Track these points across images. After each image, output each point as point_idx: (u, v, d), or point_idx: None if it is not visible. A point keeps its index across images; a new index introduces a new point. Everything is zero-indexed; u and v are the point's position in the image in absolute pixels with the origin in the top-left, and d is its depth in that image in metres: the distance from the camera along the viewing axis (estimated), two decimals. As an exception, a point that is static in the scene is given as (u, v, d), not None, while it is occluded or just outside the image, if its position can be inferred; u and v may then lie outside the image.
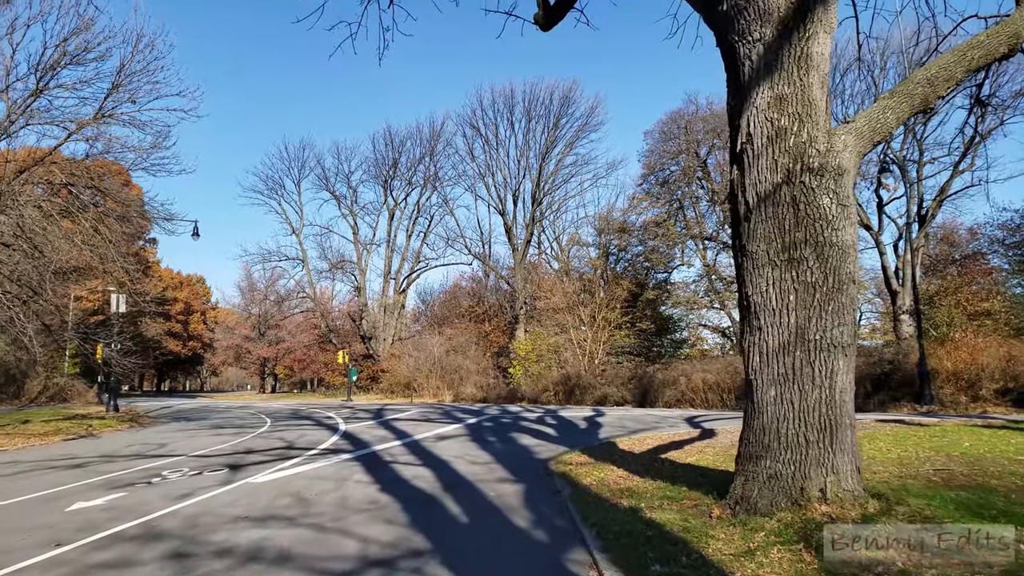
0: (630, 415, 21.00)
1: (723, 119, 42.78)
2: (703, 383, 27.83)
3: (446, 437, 14.72)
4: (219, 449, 13.57)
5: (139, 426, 22.04)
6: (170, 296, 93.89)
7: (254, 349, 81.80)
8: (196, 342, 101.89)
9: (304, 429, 17.92)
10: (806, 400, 6.24)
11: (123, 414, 25.80)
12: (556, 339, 41.94)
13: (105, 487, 9.25)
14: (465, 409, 26.95)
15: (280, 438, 15.48)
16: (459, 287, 62.87)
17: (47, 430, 19.06)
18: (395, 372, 48.96)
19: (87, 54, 17.84)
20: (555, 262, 53.38)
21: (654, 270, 46.86)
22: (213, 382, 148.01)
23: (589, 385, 32.12)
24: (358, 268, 60.03)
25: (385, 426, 18.02)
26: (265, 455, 12.35)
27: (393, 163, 58.61)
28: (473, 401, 37.76)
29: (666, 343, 48.97)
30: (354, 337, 61.91)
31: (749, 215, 6.74)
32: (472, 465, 10.73)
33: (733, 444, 12.44)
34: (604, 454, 11.61)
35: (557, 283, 46.18)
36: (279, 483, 9.31)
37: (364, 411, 26.82)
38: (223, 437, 16.23)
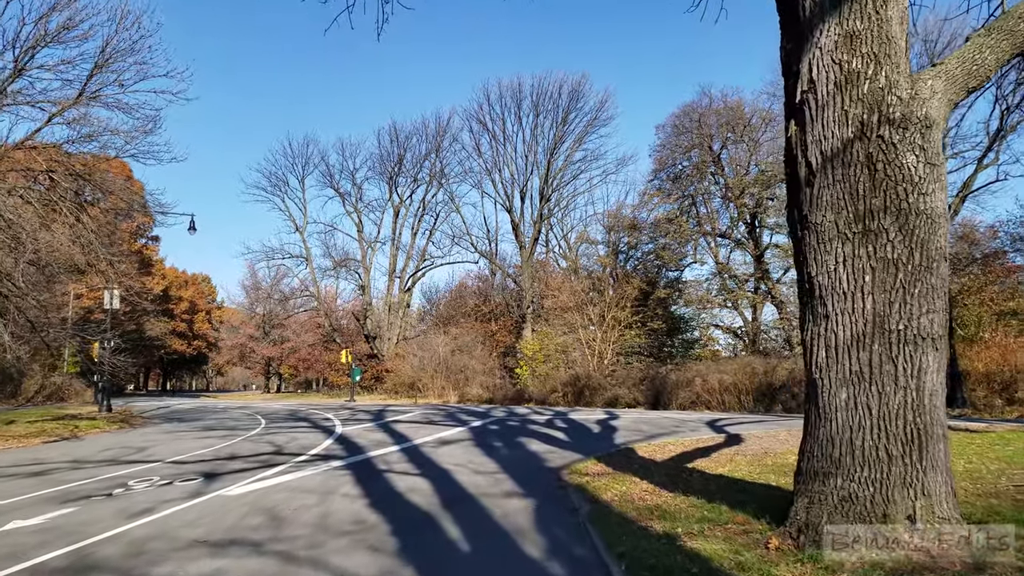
0: (645, 418, 19.75)
1: (738, 112, 41.84)
2: (719, 384, 26.57)
3: (448, 442, 13.53)
4: (201, 455, 12.40)
5: (129, 427, 20.94)
6: (174, 295, 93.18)
7: (258, 349, 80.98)
8: (201, 341, 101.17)
9: (298, 432, 16.76)
10: (887, 405, 5.01)
11: (115, 415, 24.74)
12: (564, 339, 40.74)
13: (56, 501, 8.08)
14: (470, 411, 25.73)
15: (270, 442, 14.32)
16: (465, 286, 61.73)
17: (30, 431, 17.97)
18: (399, 372, 47.82)
19: (69, 32, 16.74)
20: (563, 260, 52.24)
21: (665, 268, 45.60)
22: (219, 382, 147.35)
23: (599, 386, 30.89)
24: (362, 266, 58.97)
25: (384, 429, 16.85)
26: (248, 462, 11.18)
27: (398, 159, 57.54)
28: (479, 402, 36.57)
29: (677, 343, 47.75)
30: (358, 336, 60.81)
31: (812, 179, 5.51)
32: (476, 475, 9.53)
33: (766, 452, 11.28)
34: (623, 463, 10.41)
35: (565, 281, 44.99)
36: (255, 496, 8.12)
37: (365, 412, 25.66)
38: (210, 440, 15.08)
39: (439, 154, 56.55)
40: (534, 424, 17.49)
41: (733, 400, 26.10)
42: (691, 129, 42.45)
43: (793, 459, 10.37)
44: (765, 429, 15.27)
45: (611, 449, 12.20)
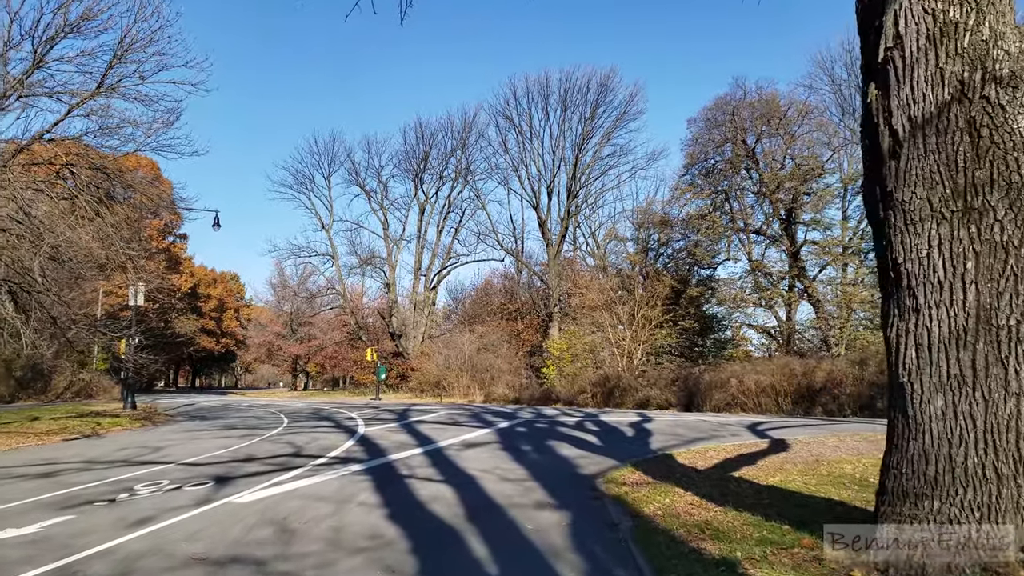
0: (680, 421, 18.86)
1: (773, 105, 40.59)
2: (756, 386, 25.56)
3: (474, 445, 12.84)
4: (217, 456, 11.84)
5: (151, 425, 20.58)
6: (203, 293, 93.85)
7: (286, 346, 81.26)
8: (230, 339, 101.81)
9: (319, 432, 16.20)
10: (995, 415, 4.20)
11: (138, 412, 24.45)
12: (592, 338, 39.90)
13: (56, 507, 7.51)
14: (496, 411, 25.03)
15: (289, 442, 13.74)
16: (491, 284, 61.14)
17: (52, 428, 17.64)
18: (425, 371, 47.31)
19: (88, 23, 16.33)
20: (591, 258, 51.33)
21: (698, 266, 44.48)
22: (247, 379, 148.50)
23: (630, 387, 30.00)
24: (388, 264, 58.61)
25: (407, 430, 16.22)
26: (264, 464, 10.58)
27: (424, 156, 57.08)
28: (505, 402, 35.88)
29: (709, 343, 46.63)
30: (384, 335, 60.51)
31: (898, 150, 4.71)
32: (503, 483, 8.82)
33: (817, 460, 10.42)
34: (663, 470, 9.63)
35: (593, 279, 44.13)
36: (266, 504, 7.48)
37: (389, 411, 25.10)
38: (229, 440, 14.55)
39: (465, 151, 56.07)
40: (564, 426, 16.76)
41: (770, 402, 25.09)
42: (724, 123, 41.31)
43: (849, 468, 9.60)
44: (811, 434, 14.36)
45: (648, 455, 11.41)
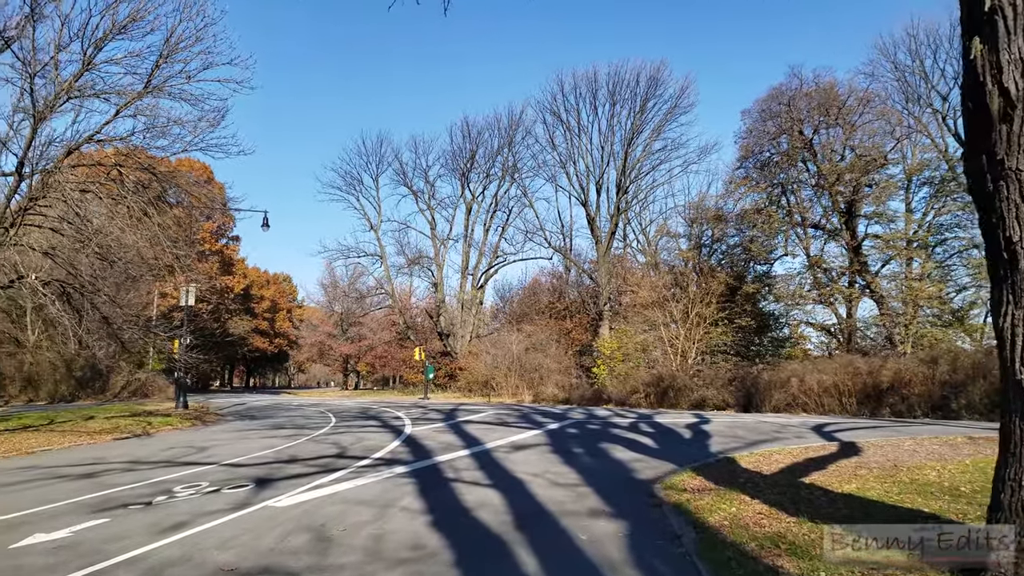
0: (740, 422, 18.01)
1: (831, 94, 39.07)
2: (818, 385, 24.46)
3: (523, 447, 12.35)
4: (260, 456, 11.60)
5: (201, 424, 20.67)
6: (256, 294, 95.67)
7: (336, 346, 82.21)
8: (282, 339, 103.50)
9: (366, 432, 15.93)
10: None
11: (190, 412, 24.66)
12: (644, 337, 39.01)
13: (91, 509, 7.28)
14: (545, 412, 24.48)
15: (335, 443, 13.47)
16: (538, 283, 60.59)
17: (104, 428, 17.78)
18: (473, 370, 47.04)
19: (136, 24, 16.38)
20: (642, 255, 50.35)
21: (753, 262, 43.16)
22: (300, 378, 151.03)
23: (684, 387, 29.11)
24: (435, 264, 58.58)
25: (455, 430, 15.84)
26: (308, 465, 10.28)
27: (471, 155, 56.83)
28: (554, 402, 35.31)
29: (766, 342, 45.27)
30: (432, 334, 60.56)
31: (1010, 112, 4.04)
32: (554, 488, 8.30)
33: (895, 465, 9.62)
34: (725, 475, 9.00)
35: (645, 277, 43.22)
36: (305, 509, 7.12)
37: (437, 411, 24.81)
38: (274, 440, 14.37)
39: (512, 148, 55.62)
40: (616, 428, 16.15)
41: (834, 403, 24.00)
42: (779, 114, 39.95)
43: (934, 475, 8.78)
44: (882, 436, 13.46)
45: (708, 459, 10.75)
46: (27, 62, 14.75)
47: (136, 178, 17.22)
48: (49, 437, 15.18)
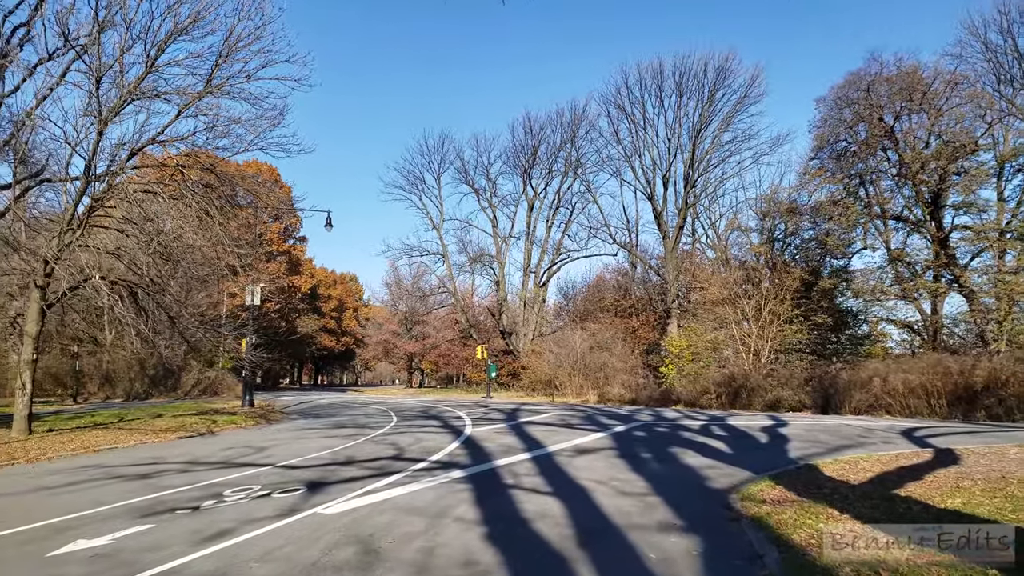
0: (820, 425, 16.84)
1: (914, 78, 36.96)
2: (903, 385, 22.97)
3: (587, 451, 11.68)
4: (317, 457, 11.30)
5: (265, 423, 20.74)
6: (323, 293, 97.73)
7: (401, 344, 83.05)
8: (349, 338, 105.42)
9: (425, 432, 15.54)
10: None
11: (255, 410, 24.90)
12: (714, 335, 37.69)
13: (137, 514, 7.03)
14: (611, 413, 23.65)
15: (393, 443, 13.10)
16: (603, 280, 59.55)
17: (170, 426, 17.96)
18: (536, 369, 46.44)
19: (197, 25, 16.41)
20: (711, 251, 48.80)
21: (830, 256, 41.26)
22: (367, 376, 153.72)
23: (758, 387, 27.83)
24: (497, 262, 58.25)
25: (516, 431, 15.27)
26: (363, 468, 9.91)
27: (532, 151, 56.21)
28: (620, 403, 34.40)
29: (843, 339, 43.26)
30: (494, 332, 60.29)
31: None
32: (620, 497, 7.65)
33: (1003, 476, 8.56)
34: (808, 485, 8.18)
35: (715, 273, 41.80)
36: (354, 518, 6.69)
37: (498, 411, 24.31)
38: (333, 440, 14.11)
39: (575, 143, 54.74)
40: (687, 431, 15.28)
41: (921, 404, 22.48)
42: (857, 100, 37.93)
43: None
44: (981, 442, 12.26)
45: (788, 465, 9.88)
46: (93, 67, 14.90)
47: (198, 178, 17.29)
48: (117, 435, 15.35)
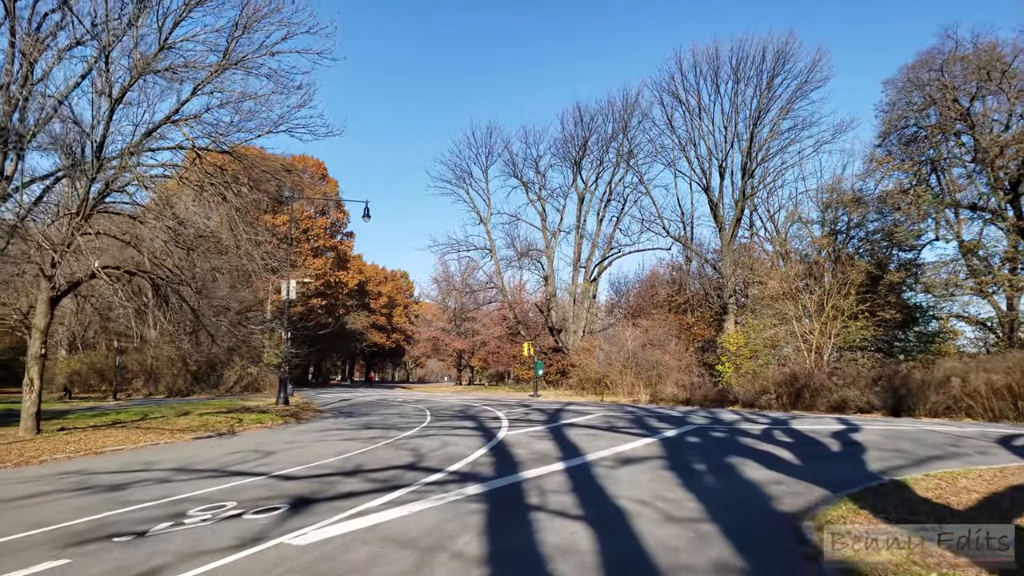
0: (896, 430, 14.94)
1: (993, 56, 34.19)
2: (986, 386, 20.78)
3: (631, 460, 10.19)
4: (322, 465, 10.08)
5: (293, 422, 19.85)
6: (373, 290, 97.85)
7: (450, 341, 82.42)
8: (399, 334, 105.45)
9: (455, 435, 14.23)
10: None
11: (288, 408, 24.11)
12: (774, 332, 35.55)
13: (64, 543, 5.77)
14: (662, 415, 21.88)
15: (414, 449, 11.83)
16: (656, 275, 57.52)
17: (191, 425, 17.12)
18: (585, 367, 44.85)
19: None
20: (769, 244, 46.44)
21: (898, 248, 38.63)
22: (419, 373, 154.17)
23: (821, 387, 25.77)
24: (546, 256, 56.76)
25: (554, 435, 13.85)
26: (368, 480, 8.66)
27: (583, 143, 54.52)
28: (674, 403, 32.61)
29: (911, 337, 40.54)
30: (543, 329, 58.88)
31: None
32: (666, 524, 6.21)
33: None
34: (899, 509, 6.64)
35: (774, 267, 39.55)
36: (327, 551, 5.39)
37: (541, 411, 22.90)
38: (352, 444, 12.94)
39: (627, 133, 52.84)
40: (746, 435, 13.63)
41: (1006, 407, 20.28)
42: (929, 82, 35.25)
43: None
44: (1100, 456, 10.38)
45: (869, 481, 8.26)
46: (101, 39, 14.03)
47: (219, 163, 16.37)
48: (129, 435, 14.53)
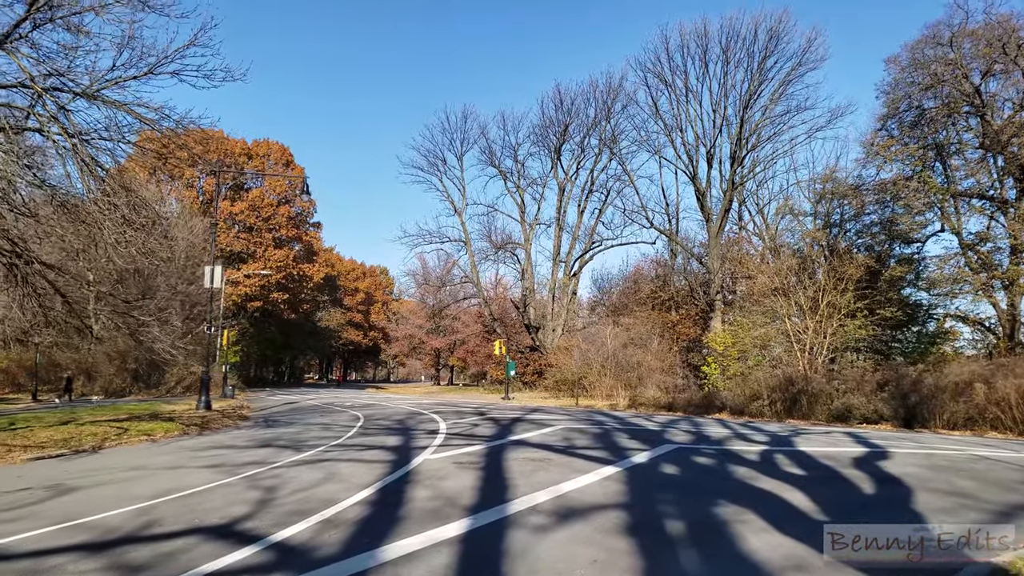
0: (940, 455, 11.26)
1: (1007, 29, 31.12)
2: (1018, 394, 17.76)
3: (575, 513, 6.76)
4: (86, 525, 6.62)
5: (196, 432, 16.56)
6: (349, 286, 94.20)
7: (427, 340, 79.18)
8: (377, 332, 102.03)
9: (357, 461, 10.61)
10: None
11: (206, 414, 20.73)
12: (764, 330, 32.52)
13: None
14: (637, 428, 17.79)
15: (273, 488, 8.21)
16: (641, 271, 54.46)
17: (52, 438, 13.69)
18: (562, 367, 41.60)
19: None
20: (757, 238, 43.44)
21: (898, 240, 35.70)
22: (401, 372, 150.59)
23: (820, 392, 22.65)
24: (523, 250, 53.49)
25: (489, 461, 10.34)
26: (112, 571, 5.35)
27: (563, 128, 51.24)
28: (655, 408, 29.38)
29: (910, 336, 37.62)
30: (521, 327, 55.64)
31: None
32: None
33: None
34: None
35: (764, 262, 36.52)
36: None
37: (495, 421, 19.33)
38: (210, 475, 9.39)
39: (610, 119, 49.60)
40: (741, 463, 10.24)
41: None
42: (936, 59, 32.31)
43: None
44: None
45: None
46: None
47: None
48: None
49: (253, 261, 55.29)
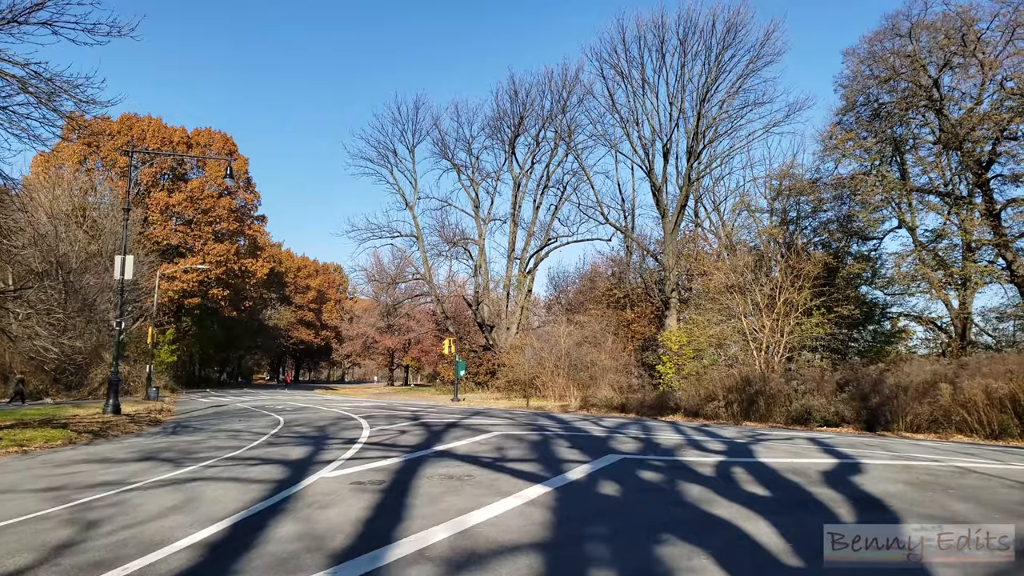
0: (920, 467, 9.84)
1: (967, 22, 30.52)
2: (986, 395, 16.76)
3: (474, 560, 5.09)
4: None
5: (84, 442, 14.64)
6: (301, 283, 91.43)
7: (381, 339, 77.01)
8: (330, 331, 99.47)
9: (241, 480, 8.81)
10: None
11: (109, 419, 18.68)
12: (719, 329, 31.52)
13: None
14: (581, 434, 15.95)
15: (90, 523, 6.46)
16: (598, 270, 53.31)
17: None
18: (515, 367, 40.14)
19: None
20: (712, 236, 42.60)
21: (856, 238, 35.15)
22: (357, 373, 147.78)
23: (778, 393, 21.50)
24: (476, 245, 51.86)
25: (395, 482, 8.48)
26: None
27: (518, 120, 49.80)
28: (607, 409, 28.09)
29: (867, 336, 37.24)
30: (475, 326, 54.02)
31: None
32: None
33: None
34: None
35: (720, 258, 35.58)
36: None
37: (426, 426, 17.41)
38: (34, 503, 7.84)
39: (565, 112, 48.37)
40: (694, 479, 8.68)
41: (1009, 421, 16.34)
42: (895, 52, 31.70)
43: None
44: None
45: None
46: None
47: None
48: None
49: (192, 255, 52.68)
